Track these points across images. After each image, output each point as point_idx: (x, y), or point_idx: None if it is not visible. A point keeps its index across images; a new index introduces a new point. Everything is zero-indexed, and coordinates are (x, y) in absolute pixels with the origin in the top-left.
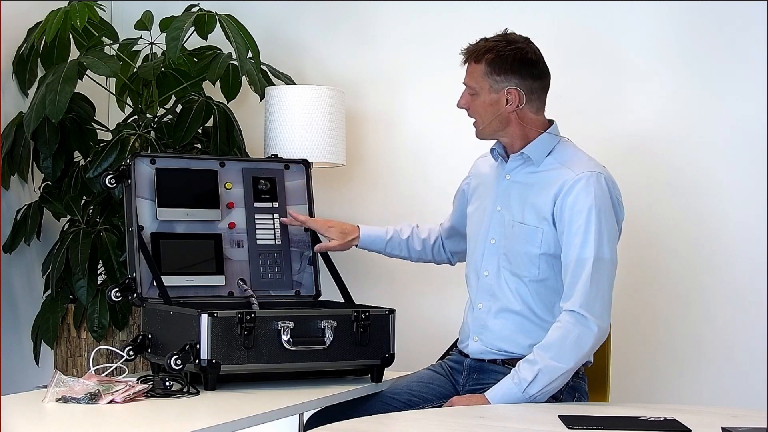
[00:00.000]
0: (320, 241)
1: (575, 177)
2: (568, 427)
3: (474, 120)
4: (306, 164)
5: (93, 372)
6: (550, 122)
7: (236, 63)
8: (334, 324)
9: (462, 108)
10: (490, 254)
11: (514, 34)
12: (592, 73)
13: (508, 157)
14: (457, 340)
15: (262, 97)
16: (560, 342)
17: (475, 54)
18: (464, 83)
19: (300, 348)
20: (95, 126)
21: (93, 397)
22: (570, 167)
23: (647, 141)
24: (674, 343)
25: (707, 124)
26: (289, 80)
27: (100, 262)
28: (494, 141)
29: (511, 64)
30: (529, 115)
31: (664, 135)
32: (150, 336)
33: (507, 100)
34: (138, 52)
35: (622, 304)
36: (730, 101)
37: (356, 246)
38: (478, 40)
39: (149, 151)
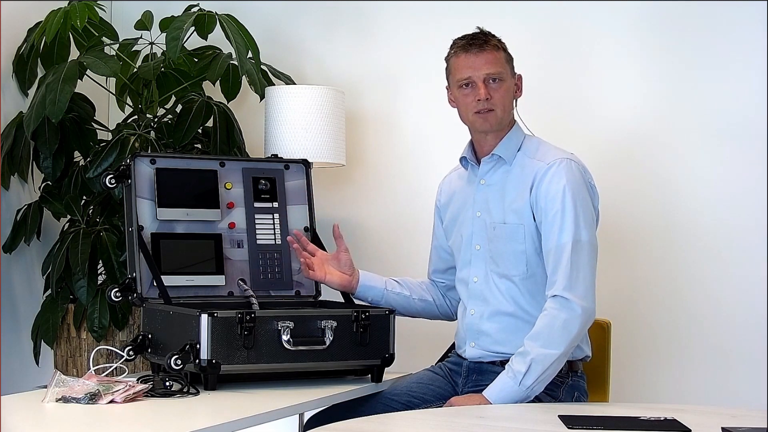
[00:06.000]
0: (320, 243)
1: (546, 166)
2: (568, 427)
3: (491, 111)
4: (306, 164)
5: (93, 372)
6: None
7: (236, 63)
8: (334, 324)
9: (486, 99)
10: (477, 260)
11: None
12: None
13: (479, 162)
14: (453, 344)
15: (262, 97)
16: (548, 329)
17: (494, 40)
18: (487, 72)
19: (300, 348)
20: (95, 126)
21: (93, 397)
22: (540, 159)
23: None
24: (674, 343)
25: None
26: (289, 80)
27: (100, 262)
28: (465, 148)
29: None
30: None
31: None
32: (150, 336)
33: (516, 86)
34: (138, 52)
35: (623, 304)
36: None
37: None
38: (477, 30)
39: (149, 151)
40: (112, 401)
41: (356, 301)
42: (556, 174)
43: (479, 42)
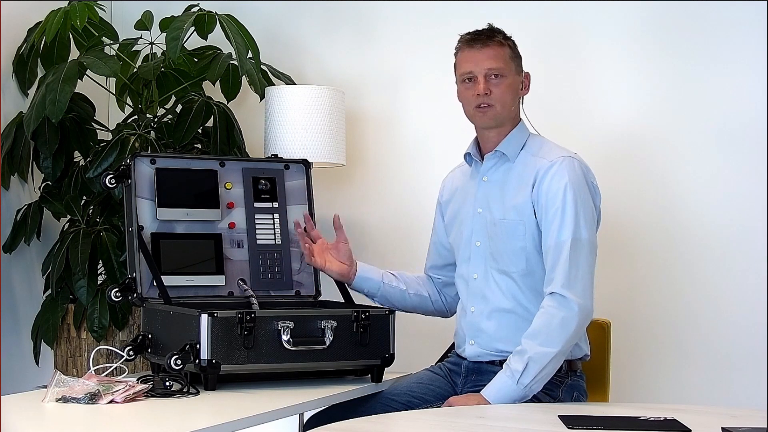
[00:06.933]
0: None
1: (549, 164)
2: (568, 427)
3: (490, 106)
4: (306, 164)
5: (93, 372)
6: None
7: (236, 63)
8: (334, 324)
9: (485, 95)
10: (477, 257)
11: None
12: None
13: (482, 159)
14: (453, 344)
15: (262, 97)
16: (546, 327)
17: (501, 35)
18: (488, 67)
19: (300, 348)
20: (95, 126)
21: (93, 397)
22: (543, 156)
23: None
24: (674, 343)
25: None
26: (289, 80)
27: (100, 262)
28: (470, 144)
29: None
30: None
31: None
32: (150, 336)
33: (522, 84)
34: (138, 52)
35: (623, 304)
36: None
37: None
38: (488, 26)
39: (149, 151)
40: (112, 401)
41: (356, 301)
42: (558, 172)
43: (483, 37)
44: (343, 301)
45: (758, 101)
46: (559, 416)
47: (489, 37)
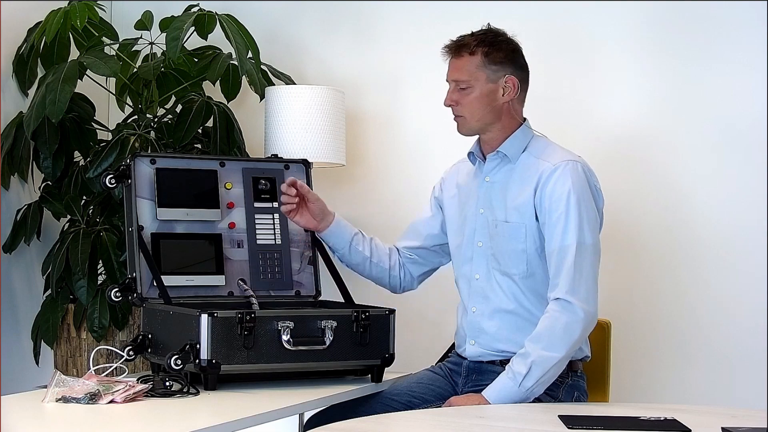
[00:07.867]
0: (320, 243)
1: (552, 167)
2: (568, 427)
3: (459, 116)
4: (306, 164)
5: (93, 372)
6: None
7: (236, 63)
8: (334, 324)
9: (450, 106)
10: (479, 257)
11: (495, 28)
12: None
13: (485, 159)
14: (453, 344)
15: (262, 97)
16: (549, 331)
17: (468, 46)
18: (452, 79)
19: (300, 348)
20: (95, 126)
21: (93, 397)
22: (546, 159)
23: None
24: (675, 344)
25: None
26: (289, 80)
27: (100, 262)
28: (473, 144)
29: (506, 53)
30: (517, 107)
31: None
32: (150, 336)
33: (504, 89)
34: (138, 52)
35: (623, 304)
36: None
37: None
38: (461, 36)
39: (149, 151)
40: (112, 401)
41: (356, 301)
42: (561, 176)
43: (451, 49)
44: (343, 301)
45: (759, 101)
46: (559, 416)
47: (458, 48)
